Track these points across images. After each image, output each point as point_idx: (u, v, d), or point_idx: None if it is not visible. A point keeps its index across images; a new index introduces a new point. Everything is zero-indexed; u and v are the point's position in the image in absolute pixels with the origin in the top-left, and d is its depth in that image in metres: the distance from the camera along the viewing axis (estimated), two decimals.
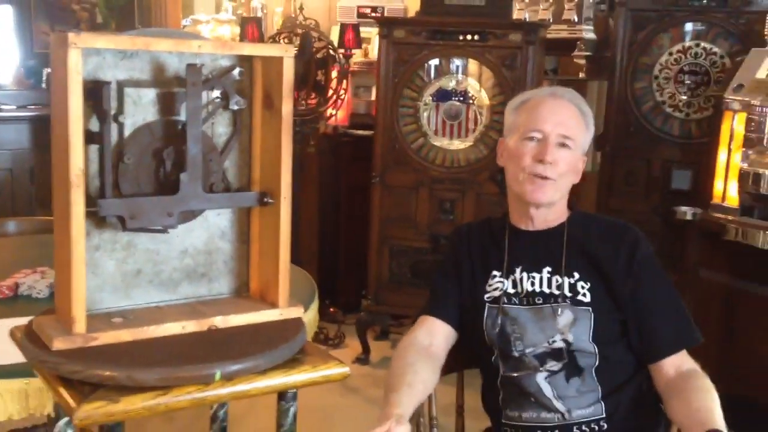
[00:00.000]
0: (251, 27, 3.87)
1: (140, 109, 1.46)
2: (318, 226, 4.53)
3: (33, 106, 4.62)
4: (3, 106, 4.53)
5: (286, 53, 1.51)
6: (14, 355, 1.70)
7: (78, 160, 1.32)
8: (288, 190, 1.55)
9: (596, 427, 1.78)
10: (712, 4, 3.55)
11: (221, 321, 1.50)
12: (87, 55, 1.37)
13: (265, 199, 1.55)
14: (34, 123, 4.50)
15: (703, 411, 1.65)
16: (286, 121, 1.52)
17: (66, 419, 1.58)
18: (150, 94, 1.47)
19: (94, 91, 1.37)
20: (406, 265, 3.88)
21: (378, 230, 3.90)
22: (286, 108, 1.51)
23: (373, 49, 4.57)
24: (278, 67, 1.51)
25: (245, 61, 1.55)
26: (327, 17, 4.80)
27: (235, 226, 1.61)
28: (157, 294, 1.54)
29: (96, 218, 1.42)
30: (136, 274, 1.51)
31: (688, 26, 3.60)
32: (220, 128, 1.56)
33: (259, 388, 1.40)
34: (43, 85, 4.80)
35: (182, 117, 1.48)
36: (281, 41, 3.87)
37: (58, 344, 1.35)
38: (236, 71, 1.53)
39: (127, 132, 1.45)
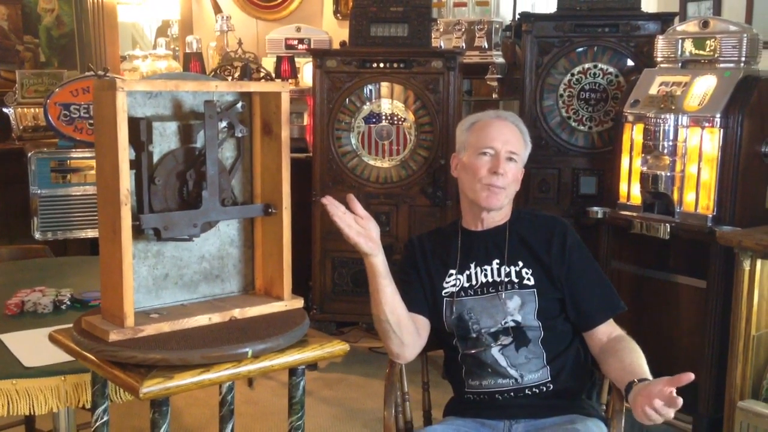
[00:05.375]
0: (194, 62, 4.11)
1: (165, 139, 1.73)
2: None
3: None
4: None
5: (283, 89, 1.81)
6: (48, 358, 1.95)
7: (126, 182, 1.58)
8: (288, 201, 1.83)
9: (544, 388, 2.07)
10: (606, 30, 3.88)
11: (239, 313, 1.77)
12: None
13: (270, 210, 1.84)
14: None
15: (633, 366, 1.95)
16: (284, 144, 1.80)
17: (104, 406, 1.84)
18: (172, 127, 1.74)
19: (131, 126, 1.63)
20: (347, 276, 4.13)
21: (320, 244, 4.13)
22: (285, 133, 1.80)
23: (303, 78, 4.86)
24: (276, 100, 1.81)
25: (245, 96, 1.85)
26: (256, 49, 5.04)
27: (241, 234, 1.88)
28: (181, 294, 1.80)
29: (132, 231, 1.68)
30: (164, 277, 1.77)
31: (587, 50, 3.91)
32: (227, 152, 1.84)
33: (280, 364, 1.67)
34: None
35: (198, 144, 1.76)
36: (222, 73, 4.12)
37: (114, 336, 1.59)
38: (239, 105, 1.81)
39: (155, 159, 1.71)
